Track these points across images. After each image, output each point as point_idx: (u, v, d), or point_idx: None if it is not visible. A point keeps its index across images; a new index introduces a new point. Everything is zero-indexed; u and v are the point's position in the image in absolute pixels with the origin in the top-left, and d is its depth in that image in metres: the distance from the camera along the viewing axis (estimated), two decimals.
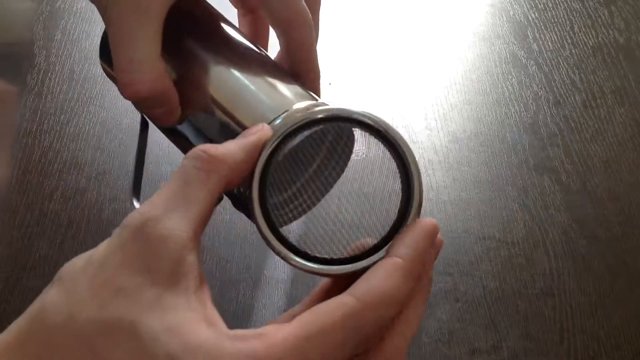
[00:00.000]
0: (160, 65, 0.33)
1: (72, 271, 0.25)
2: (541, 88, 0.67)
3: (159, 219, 0.25)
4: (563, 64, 0.69)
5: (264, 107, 0.33)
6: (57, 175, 0.57)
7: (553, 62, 0.69)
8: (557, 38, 0.71)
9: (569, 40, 0.71)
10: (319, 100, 0.35)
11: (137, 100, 0.34)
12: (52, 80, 0.64)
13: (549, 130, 0.63)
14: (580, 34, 0.72)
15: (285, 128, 0.30)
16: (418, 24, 0.73)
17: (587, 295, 0.52)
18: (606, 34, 0.72)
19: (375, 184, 0.33)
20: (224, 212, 0.55)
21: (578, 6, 0.75)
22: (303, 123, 0.30)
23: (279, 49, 0.39)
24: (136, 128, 0.38)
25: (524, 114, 0.64)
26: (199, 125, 0.35)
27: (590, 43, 0.71)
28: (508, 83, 0.67)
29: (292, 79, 0.36)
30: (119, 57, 0.32)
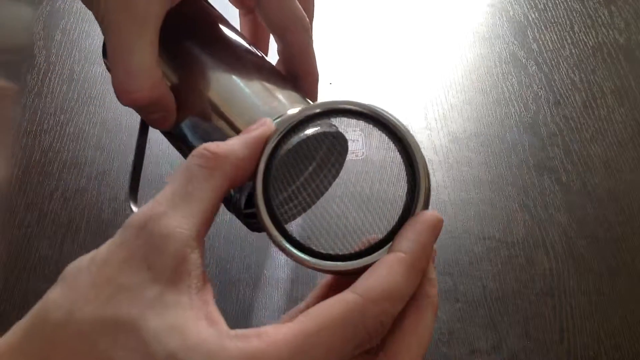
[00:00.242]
0: (157, 72, 0.33)
1: (75, 270, 0.25)
2: (541, 88, 0.67)
3: (162, 216, 0.25)
4: (563, 64, 0.69)
5: (259, 112, 0.33)
6: (57, 175, 0.57)
7: (553, 62, 0.69)
8: (557, 38, 0.71)
9: (569, 40, 0.71)
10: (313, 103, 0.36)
11: (135, 107, 0.34)
12: (52, 80, 0.64)
13: (549, 130, 0.63)
14: (580, 34, 0.72)
15: (289, 123, 0.30)
16: (418, 23, 0.73)
17: (587, 295, 0.52)
18: (606, 34, 0.72)
19: (380, 179, 0.33)
20: (224, 212, 0.55)
21: (578, 6, 0.75)
22: (307, 116, 0.30)
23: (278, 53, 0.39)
24: (137, 128, 0.38)
25: (524, 114, 0.64)
26: (195, 128, 0.35)
27: (590, 43, 0.71)
28: (508, 83, 0.67)
29: (289, 84, 0.36)
30: (116, 66, 0.32)
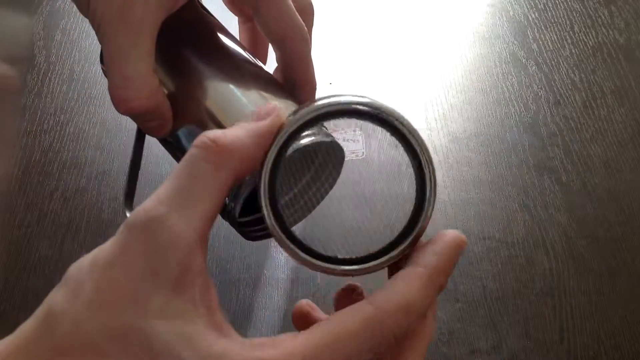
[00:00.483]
0: (154, 80, 0.33)
1: (79, 274, 0.24)
2: (541, 88, 0.67)
3: (165, 219, 0.24)
4: (563, 64, 0.69)
5: None
6: (57, 175, 0.57)
7: (553, 62, 0.69)
8: (557, 38, 0.71)
9: (569, 40, 0.71)
10: None
11: (131, 115, 0.34)
12: (52, 80, 0.64)
13: (549, 130, 0.63)
14: (580, 34, 0.72)
15: (300, 119, 0.28)
16: (418, 24, 0.73)
17: (587, 295, 0.52)
18: (606, 34, 0.72)
19: (383, 179, 0.32)
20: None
21: (578, 6, 0.75)
22: (317, 115, 0.28)
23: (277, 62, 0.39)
24: (137, 128, 0.38)
25: (524, 114, 0.64)
26: (192, 136, 0.35)
27: (590, 43, 0.71)
28: (508, 83, 0.67)
29: (286, 93, 0.36)
30: (113, 75, 0.32)
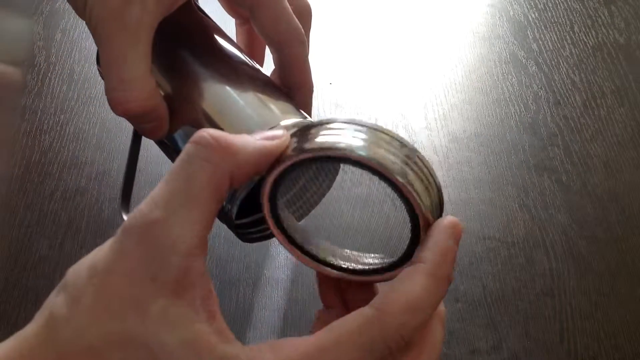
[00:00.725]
0: (151, 82, 0.33)
1: (77, 279, 0.24)
2: (541, 88, 0.67)
3: (163, 223, 0.24)
4: (563, 64, 0.69)
5: (251, 123, 0.33)
6: (57, 175, 0.57)
7: (553, 62, 0.69)
8: (557, 38, 0.71)
9: (569, 40, 0.71)
10: (307, 117, 0.35)
11: (128, 117, 0.34)
12: (52, 80, 0.64)
13: (549, 130, 0.63)
14: (580, 34, 0.72)
15: (305, 154, 0.27)
16: (418, 24, 0.73)
17: (587, 295, 0.52)
18: (606, 34, 0.72)
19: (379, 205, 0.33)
20: None
21: (578, 6, 0.75)
22: (316, 157, 0.27)
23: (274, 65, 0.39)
24: None
25: (524, 114, 0.64)
26: (188, 138, 0.35)
27: (590, 43, 0.71)
28: (508, 83, 0.67)
29: (283, 95, 0.36)
30: (110, 77, 0.32)
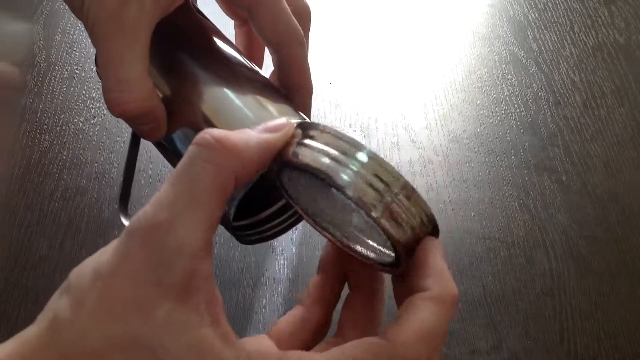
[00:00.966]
0: (148, 83, 0.33)
1: (81, 282, 0.24)
2: (541, 88, 0.67)
3: (167, 225, 0.24)
4: (563, 64, 0.69)
5: (249, 124, 0.33)
6: (57, 175, 0.57)
7: (553, 62, 0.69)
8: (557, 38, 0.71)
9: (569, 40, 0.71)
10: (306, 118, 0.35)
11: (125, 118, 0.34)
12: (52, 80, 0.64)
13: (549, 130, 0.63)
14: (580, 34, 0.72)
15: (292, 162, 0.27)
16: (418, 24, 0.73)
17: (587, 295, 0.52)
18: (606, 34, 0.72)
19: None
20: None
21: (578, 6, 0.75)
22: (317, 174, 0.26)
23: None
24: None
25: (524, 114, 0.64)
26: (186, 139, 0.35)
27: (590, 43, 0.71)
28: (508, 83, 0.67)
29: (282, 97, 0.36)
30: (107, 77, 0.32)
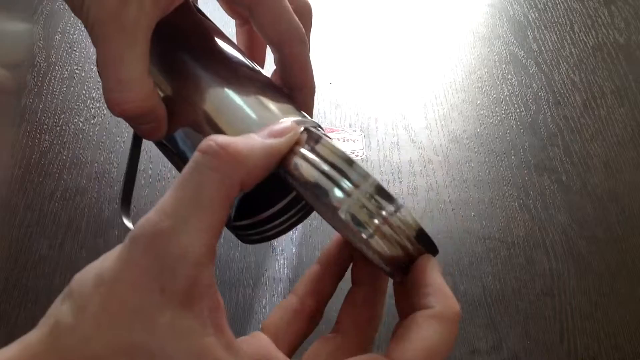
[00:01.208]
0: (149, 83, 0.32)
1: (84, 287, 0.24)
2: (541, 88, 0.67)
3: (171, 232, 0.24)
4: (563, 64, 0.69)
5: (250, 123, 0.33)
6: (57, 175, 0.57)
7: (553, 62, 0.69)
8: (557, 38, 0.71)
9: (569, 40, 0.71)
10: (307, 117, 0.35)
11: (125, 118, 0.34)
12: (52, 80, 0.64)
13: (549, 130, 0.63)
14: (580, 34, 0.72)
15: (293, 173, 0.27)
16: (418, 24, 0.73)
17: (587, 295, 0.52)
18: (606, 34, 0.72)
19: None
20: None
21: (578, 6, 0.75)
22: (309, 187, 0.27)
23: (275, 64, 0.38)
24: None
25: (524, 114, 0.64)
26: (187, 139, 0.35)
27: (590, 43, 0.71)
28: (508, 83, 0.67)
29: (284, 96, 0.36)
30: (107, 77, 0.32)
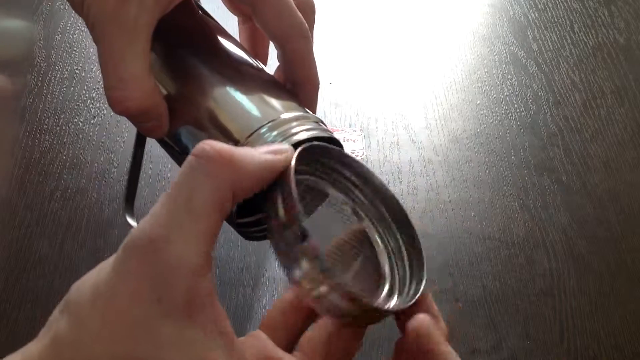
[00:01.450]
0: (150, 81, 0.32)
1: (81, 301, 0.23)
2: (541, 88, 0.67)
3: (166, 242, 0.23)
4: (563, 64, 0.69)
5: (252, 119, 0.33)
6: (57, 175, 0.57)
7: (553, 62, 0.69)
8: (557, 38, 0.71)
9: (569, 40, 0.71)
10: (310, 113, 0.35)
11: (127, 116, 0.34)
12: (52, 80, 0.64)
13: (549, 130, 0.63)
14: (580, 34, 0.72)
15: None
16: (418, 24, 0.73)
17: (587, 295, 0.52)
18: (606, 34, 0.72)
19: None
20: None
21: (578, 6, 0.75)
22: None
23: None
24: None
25: (524, 114, 0.64)
26: (189, 135, 0.35)
27: (590, 43, 0.71)
28: (508, 83, 0.67)
29: (286, 92, 0.36)
30: (108, 75, 0.32)
